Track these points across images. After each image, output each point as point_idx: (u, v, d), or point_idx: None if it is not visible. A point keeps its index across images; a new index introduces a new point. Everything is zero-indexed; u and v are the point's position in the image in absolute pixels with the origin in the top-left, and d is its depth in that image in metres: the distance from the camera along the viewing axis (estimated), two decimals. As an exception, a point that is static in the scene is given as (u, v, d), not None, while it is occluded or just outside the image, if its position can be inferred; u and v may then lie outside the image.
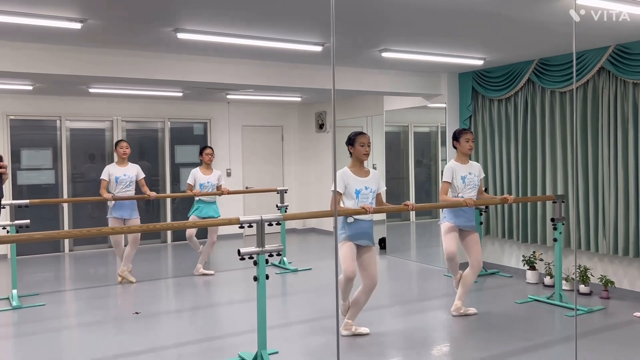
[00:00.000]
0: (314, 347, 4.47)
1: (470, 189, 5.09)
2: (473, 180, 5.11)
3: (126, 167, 6.65)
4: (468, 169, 5.12)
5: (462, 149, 5.12)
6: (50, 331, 4.96)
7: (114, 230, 5.39)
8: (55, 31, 4.60)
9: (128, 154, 6.68)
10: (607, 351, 4.21)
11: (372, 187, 4.47)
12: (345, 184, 4.41)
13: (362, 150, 4.47)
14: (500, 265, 7.00)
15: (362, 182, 4.45)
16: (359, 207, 4.35)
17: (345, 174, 4.45)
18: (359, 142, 4.49)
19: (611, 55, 5.44)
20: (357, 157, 4.51)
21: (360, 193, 4.40)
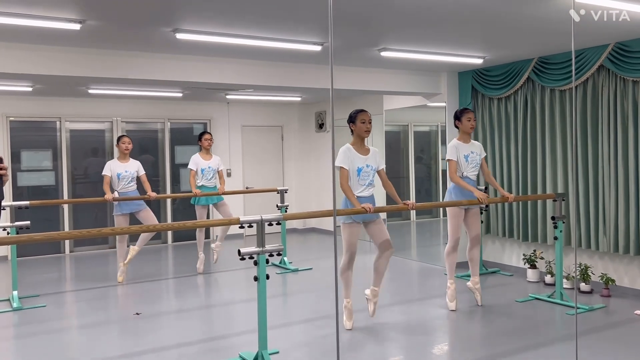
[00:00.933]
0: (314, 346, 4.48)
1: (473, 167, 5.26)
2: (475, 159, 5.27)
3: (127, 163, 6.70)
4: (470, 148, 5.27)
5: (464, 128, 5.26)
6: (51, 332, 4.96)
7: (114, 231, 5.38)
8: (54, 32, 4.60)
9: (130, 150, 6.72)
10: (608, 349, 4.21)
11: (372, 165, 4.64)
12: (349, 160, 4.54)
13: (364, 127, 4.60)
14: (501, 264, 7.00)
15: (363, 159, 4.61)
16: (362, 188, 4.58)
17: (349, 150, 4.59)
18: (360, 119, 4.62)
19: (611, 53, 5.43)
20: (358, 134, 4.64)
21: (362, 171, 4.56)
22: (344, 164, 4.53)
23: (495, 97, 6.79)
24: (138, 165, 6.79)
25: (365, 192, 4.60)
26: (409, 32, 4.92)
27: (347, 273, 4.73)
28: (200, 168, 7.02)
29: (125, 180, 6.61)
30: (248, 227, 3.91)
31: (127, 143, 6.69)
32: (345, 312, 4.76)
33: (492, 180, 5.45)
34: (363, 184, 4.59)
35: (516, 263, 6.83)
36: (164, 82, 5.82)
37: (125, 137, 6.74)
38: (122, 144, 6.68)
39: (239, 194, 7.30)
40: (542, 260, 6.37)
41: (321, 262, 7.83)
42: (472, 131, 5.29)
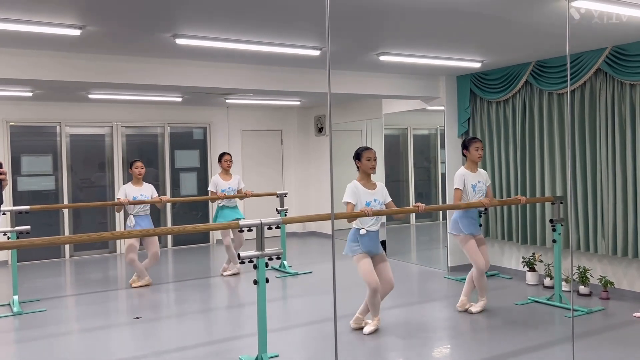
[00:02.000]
0: (314, 350, 4.49)
1: (479, 197, 5.30)
2: (482, 188, 5.33)
3: (142, 187, 6.71)
4: (477, 177, 5.33)
5: (472, 157, 5.32)
6: (52, 337, 4.97)
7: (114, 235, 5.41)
8: (54, 38, 4.63)
9: (143, 174, 6.74)
10: (606, 351, 4.22)
11: (379, 200, 4.75)
12: (356, 196, 4.65)
13: (369, 165, 4.72)
14: (500, 267, 7.02)
15: (371, 194, 4.71)
16: (371, 222, 4.68)
17: (356, 187, 4.71)
18: (366, 156, 4.73)
19: (608, 57, 5.46)
20: (364, 170, 4.76)
21: (370, 205, 4.64)
22: (351, 200, 4.64)
23: (494, 101, 6.81)
24: (152, 189, 6.81)
25: (373, 226, 4.71)
26: (408, 36, 4.95)
27: (374, 302, 4.73)
28: (220, 189, 7.10)
29: (140, 205, 6.63)
30: (248, 231, 3.93)
31: (140, 167, 6.70)
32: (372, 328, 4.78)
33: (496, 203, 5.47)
34: (371, 218, 4.66)
35: (515, 266, 6.85)
36: (164, 87, 5.85)
37: (138, 162, 6.75)
38: (135, 169, 6.69)
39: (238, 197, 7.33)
40: (541, 263, 6.39)
41: (321, 265, 7.84)
42: (479, 160, 5.34)
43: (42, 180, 8.85)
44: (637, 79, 5.27)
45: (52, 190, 8.89)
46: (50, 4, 3.76)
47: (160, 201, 6.72)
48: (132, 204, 6.53)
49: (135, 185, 6.69)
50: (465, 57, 6.01)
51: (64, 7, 3.84)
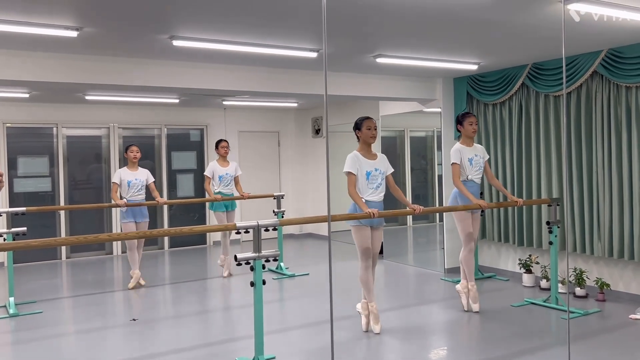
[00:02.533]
0: (310, 352, 4.49)
1: (477, 171, 5.33)
2: (479, 162, 5.35)
3: (137, 172, 6.81)
4: (474, 151, 5.35)
5: (467, 132, 5.34)
6: (48, 338, 4.96)
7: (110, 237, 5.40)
8: (51, 39, 4.62)
9: (139, 158, 6.83)
10: (602, 353, 4.23)
11: (381, 169, 4.69)
12: (357, 166, 4.58)
13: (369, 134, 4.68)
14: (497, 269, 7.03)
15: (371, 164, 4.66)
16: (370, 191, 4.63)
17: (356, 157, 4.65)
18: (366, 125, 4.70)
19: (604, 59, 5.48)
20: (364, 140, 4.71)
21: (371, 174, 4.60)
22: (352, 169, 4.58)
23: (490, 103, 6.83)
24: (147, 173, 6.91)
25: (374, 196, 4.64)
26: (404, 38, 4.96)
27: (366, 278, 4.73)
28: (218, 175, 7.21)
29: (134, 188, 6.70)
30: (245, 233, 3.93)
31: (136, 152, 6.79)
32: (371, 317, 4.77)
33: (497, 182, 5.55)
34: (372, 187, 4.62)
35: (512, 268, 6.86)
36: (161, 88, 5.84)
37: (133, 146, 6.84)
38: (130, 153, 6.79)
39: (235, 199, 7.34)
40: (538, 265, 6.40)
41: (318, 267, 7.84)
42: (474, 135, 5.36)
43: (38, 182, 8.83)
44: (633, 81, 5.29)
45: (48, 192, 8.87)
46: (47, 6, 3.76)
47: (157, 203, 6.79)
48: (128, 206, 6.54)
49: (131, 169, 6.78)
50: (462, 59, 6.03)
51: (61, 8, 3.84)
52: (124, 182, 6.68)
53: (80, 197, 9.13)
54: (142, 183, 6.78)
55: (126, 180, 6.68)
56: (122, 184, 6.68)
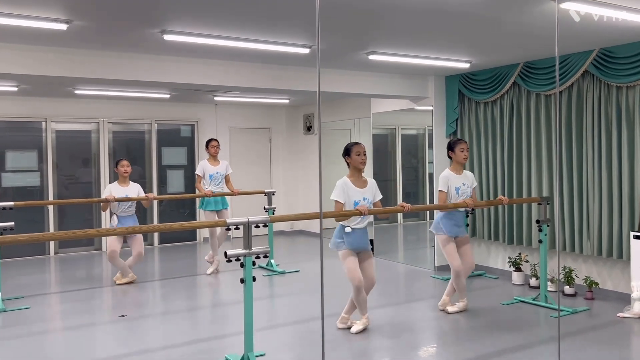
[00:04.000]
0: (300, 349, 4.48)
1: (463, 199, 5.22)
2: (466, 191, 5.27)
3: (128, 187, 6.64)
4: (462, 180, 5.28)
5: (457, 159, 5.26)
6: (35, 334, 4.91)
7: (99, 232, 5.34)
8: (41, 32, 4.57)
9: (129, 173, 6.66)
10: (591, 351, 4.25)
11: (369, 198, 4.66)
12: (346, 194, 4.56)
13: (359, 159, 4.62)
14: (487, 267, 7.05)
15: (360, 192, 4.62)
16: (357, 220, 4.59)
17: (345, 184, 4.61)
18: (355, 151, 4.64)
19: (595, 59, 5.51)
20: (354, 166, 4.66)
21: (358, 204, 4.54)
22: (340, 198, 4.55)
23: (482, 101, 6.84)
24: (138, 188, 6.74)
25: (360, 224, 4.63)
26: (397, 36, 4.95)
27: (359, 299, 4.68)
28: (209, 174, 7.14)
29: (125, 205, 6.57)
30: (235, 229, 3.91)
31: (126, 166, 6.62)
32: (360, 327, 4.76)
33: (480, 204, 5.57)
34: (359, 217, 4.59)
35: (501, 266, 6.89)
36: (151, 83, 5.80)
37: (123, 161, 6.67)
38: (120, 168, 6.61)
39: (226, 195, 7.31)
40: (527, 263, 6.43)
41: (308, 264, 7.83)
42: (465, 162, 5.28)
43: (27, 177, 8.75)
44: (623, 81, 5.32)
45: (37, 187, 8.79)
46: (37, -2, 3.71)
47: (146, 198, 6.66)
48: (118, 200, 6.47)
49: (121, 185, 6.61)
50: (454, 58, 6.03)
51: (50, 0, 3.79)
52: None
53: (69, 192, 9.05)
54: None
55: (117, 196, 6.50)
56: None
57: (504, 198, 5.36)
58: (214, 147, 7.21)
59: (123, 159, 6.76)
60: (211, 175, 7.16)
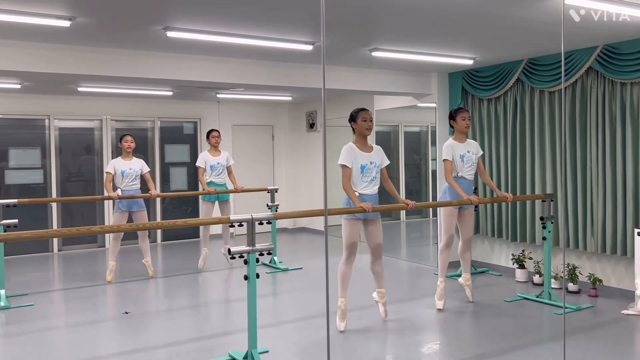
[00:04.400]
0: (304, 346, 4.48)
1: (469, 167, 5.26)
2: (471, 158, 5.27)
3: (131, 161, 6.73)
4: (466, 147, 5.28)
5: (459, 127, 5.27)
6: (39, 331, 4.92)
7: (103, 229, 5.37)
8: (43, 29, 4.57)
9: (133, 148, 6.77)
10: (595, 349, 4.24)
11: (376, 162, 4.63)
12: (352, 158, 4.52)
13: (365, 125, 4.60)
14: (490, 264, 7.04)
15: (367, 157, 4.60)
16: (364, 184, 4.57)
17: (351, 149, 4.58)
18: (362, 117, 4.63)
19: (599, 55, 5.48)
20: (360, 132, 4.64)
21: (365, 168, 4.53)
22: (347, 162, 4.51)
23: (485, 98, 6.82)
24: (142, 163, 6.85)
25: (368, 189, 4.58)
26: (400, 32, 4.94)
27: (344, 271, 4.68)
28: (210, 165, 7.18)
29: (129, 178, 6.65)
30: (238, 226, 3.91)
31: (130, 141, 6.74)
32: (338, 313, 4.71)
33: (488, 180, 5.48)
34: (366, 180, 4.57)
35: (505, 263, 6.87)
36: (154, 80, 5.80)
37: (128, 136, 6.78)
38: (124, 142, 6.72)
39: (229, 193, 7.31)
40: (531, 260, 6.42)
41: (311, 261, 7.83)
42: (467, 130, 5.29)
43: (30, 174, 8.76)
44: (628, 77, 5.30)
45: (40, 184, 8.80)
46: (40, -5, 3.71)
47: (150, 196, 6.72)
48: (121, 198, 6.48)
49: (125, 159, 6.71)
50: (458, 54, 6.01)
51: (53, -3, 3.79)
52: (117, 171, 6.61)
53: (72, 189, 9.07)
54: (137, 173, 6.71)
55: (120, 169, 6.61)
56: (116, 173, 6.62)
57: (508, 195, 5.34)
58: (214, 137, 7.24)
59: (127, 134, 6.84)
60: (212, 166, 7.19)
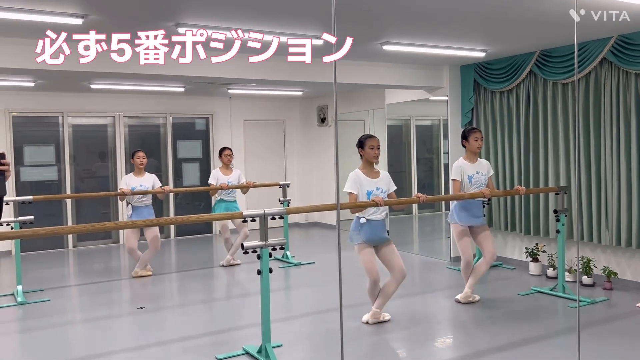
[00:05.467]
0: (317, 340, 4.50)
1: (477, 188, 5.20)
2: (480, 179, 5.22)
3: (143, 178, 6.68)
4: (476, 168, 5.23)
5: (471, 148, 5.23)
6: (56, 326, 4.99)
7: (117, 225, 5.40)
8: (56, 26, 4.58)
9: (145, 164, 6.71)
10: (610, 342, 4.22)
11: (383, 188, 4.61)
12: (358, 185, 4.53)
13: (372, 153, 4.59)
14: (504, 258, 7.01)
15: (373, 183, 4.58)
16: (372, 210, 4.52)
17: (357, 176, 4.58)
18: (369, 145, 4.60)
19: (613, 46, 5.42)
20: (367, 159, 4.63)
21: (372, 194, 4.50)
22: (353, 189, 4.52)
23: (498, 91, 6.78)
24: (154, 178, 6.78)
25: (376, 215, 4.56)
26: (411, 25, 4.91)
27: (373, 292, 4.70)
28: (220, 183, 7.07)
29: (140, 195, 6.61)
30: (251, 222, 3.93)
31: (142, 157, 6.68)
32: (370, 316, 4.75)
33: (497, 193, 5.53)
34: (375, 207, 4.53)
35: (518, 256, 6.84)
36: (166, 76, 5.82)
37: (140, 152, 6.74)
38: (137, 159, 6.68)
39: (240, 188, 7.33)
40: (545, 253, 6.38)
41: (324, 256, 7.85)
42: (479, 151, 5.26)
43: (44, 171, 8.85)
44: (642, 68, 5.24)
45: (54, 181, 8.89)
46: (52, -7, 3.74)
47: (162, 191, 6.70)
48: (135, 194, 6.52)
49: (137, 176, 6.67)
50: (469, 47, 5.97)
51: (66, -5, 3.81)
52: (129, 188, 6.55)
53: (86, 185, 9.15)
54: (148, 189, 6.66)
55: (131, 186, 6.55)
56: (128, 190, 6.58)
57: (521, 188, 5.31)
58: (227, 155, 7.15)
59: (139, 150, 6.82)
60: None
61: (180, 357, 4.16)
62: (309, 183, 10.83)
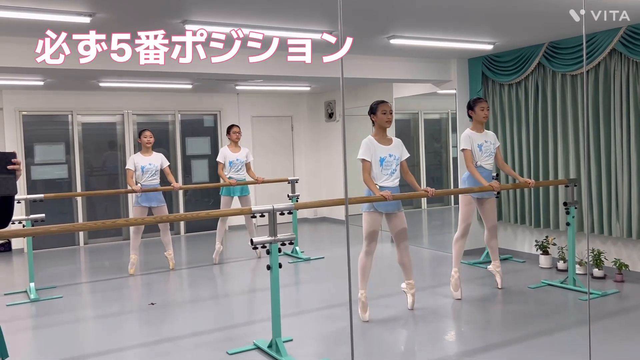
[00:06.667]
0: (327, 334, 4.51)
1: (487, 157, 5.26)
2: (489, 148, 5.27)
3: (151, 156, 6.77)
4: (484, 137, 5.28)
5: (478, 118, 5.26)
6: (68, 323, 5.03)
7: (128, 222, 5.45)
8: (64, 25, 4.61)
9: (152, 143, 6.79)
10: (621, 334, 4.20)
11: (395, 155, 4.60)
12: (371, 152, 4.50)
13: (385, 118, 4.58)
14: (513, 251, 6.99)
15: (386, 149, 4.57)
16: (384, 177, 4.55)
17: (370, 142, 4.57)
18: (381, 110, 4.59)
19: (622, 37, 5.37)
20: (379, 124, 4.61)
21: (385, 160, 4.51)
22: (366, 156, 4.50)
23: (506, 83, 6.74)
24: (162, 157, 6.88)
25: (388, 182, 4.55)
26: (418, 19, 4.90)
27: (364, 263, 4.67)
28: (229, 160, 7.17)
29: (148, 173, 6.69)
30: (260, 217, 3.94)
31: (149, 136, 6.75)
32: (359, 305, 4.71)
33: (508, 169, 5.51)
34: (386, 173, 4.55)
35: (528, 249, 6.82)
36: (174, 73, 5.83)
37: (147, 131, 6.80)
38: (144, 138, 6.75)
39: (250, 184, 7.36)
40: (555, 246, 6.35)
41: (333, 251, 7.86)
42: (485, 120, 5.28)
43: (55, 169, 8.91)
44: (652, 58, 5.19)
45: (65, 179, 8.95)
46: (60, -8, 3.76)
47: (172, 188, 6.78)
48: (144, 191, 6.55)
49: (144, 155, 6.75)
50: (477, 39, 5.94)
51: (73, -6, 3.83)
52: (137, 167, 6.66)
53: (96, 183, 9.21)
54: (156, 168, 6.76)
55: (140, 165, 6.67)
56: (136, 169, 6.67)
57: (531, 181, 5.30)
58: (235, 132, 7.23)
59: (146, 129, 6.87)
60: (231, 162, 7.19)
61: (191, 352, 4.20)
62: (317, 178, 10.83)
